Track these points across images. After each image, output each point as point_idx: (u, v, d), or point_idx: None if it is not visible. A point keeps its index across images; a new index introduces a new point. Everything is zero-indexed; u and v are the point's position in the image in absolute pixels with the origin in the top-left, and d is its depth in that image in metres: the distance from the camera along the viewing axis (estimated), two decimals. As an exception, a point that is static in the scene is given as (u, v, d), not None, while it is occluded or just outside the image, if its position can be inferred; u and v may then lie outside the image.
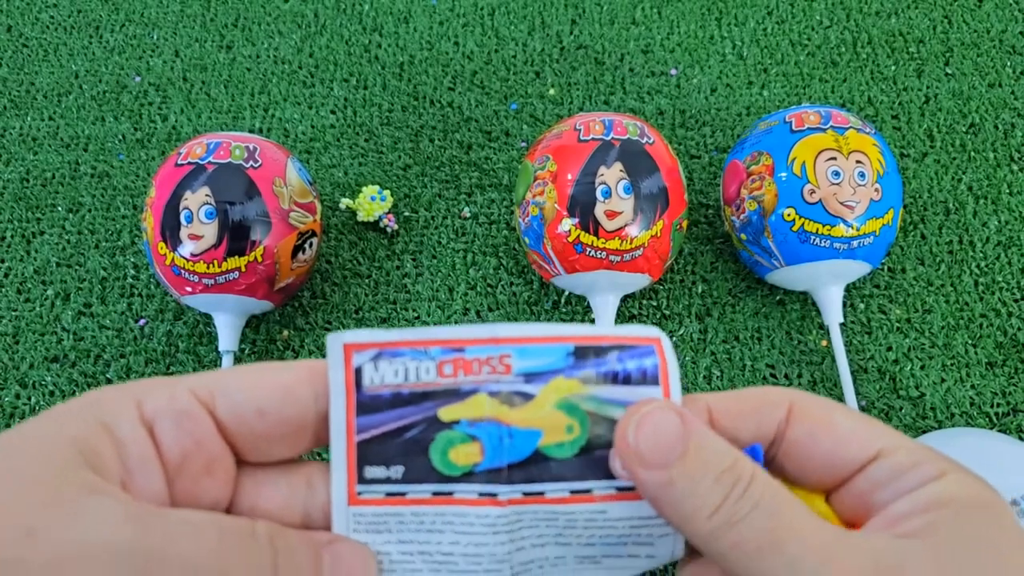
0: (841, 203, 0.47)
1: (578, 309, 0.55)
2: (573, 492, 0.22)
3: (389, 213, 0.58)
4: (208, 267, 0.47)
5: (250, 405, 0.20)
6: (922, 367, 0.51)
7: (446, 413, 0.22)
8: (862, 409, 0.50)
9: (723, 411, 0.22)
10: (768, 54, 0.66)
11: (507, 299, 0.55)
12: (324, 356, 0.22)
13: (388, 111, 0.65)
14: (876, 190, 0.48)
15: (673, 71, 0.66)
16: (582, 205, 0.47)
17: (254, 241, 0.48)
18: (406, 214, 0.59)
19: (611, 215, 0.47)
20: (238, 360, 0.53)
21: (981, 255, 0.56)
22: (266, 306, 0.51)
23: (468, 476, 0.22)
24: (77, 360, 0.53)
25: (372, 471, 0.22)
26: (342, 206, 0.58)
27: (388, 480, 0.22)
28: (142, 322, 0.55)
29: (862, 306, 0.54)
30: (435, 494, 0.22)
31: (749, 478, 0.19)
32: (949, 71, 0.65)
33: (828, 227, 0.47)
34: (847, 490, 0.21)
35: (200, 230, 0.47)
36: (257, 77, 0.67)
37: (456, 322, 0.54)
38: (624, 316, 0.54)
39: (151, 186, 0.50)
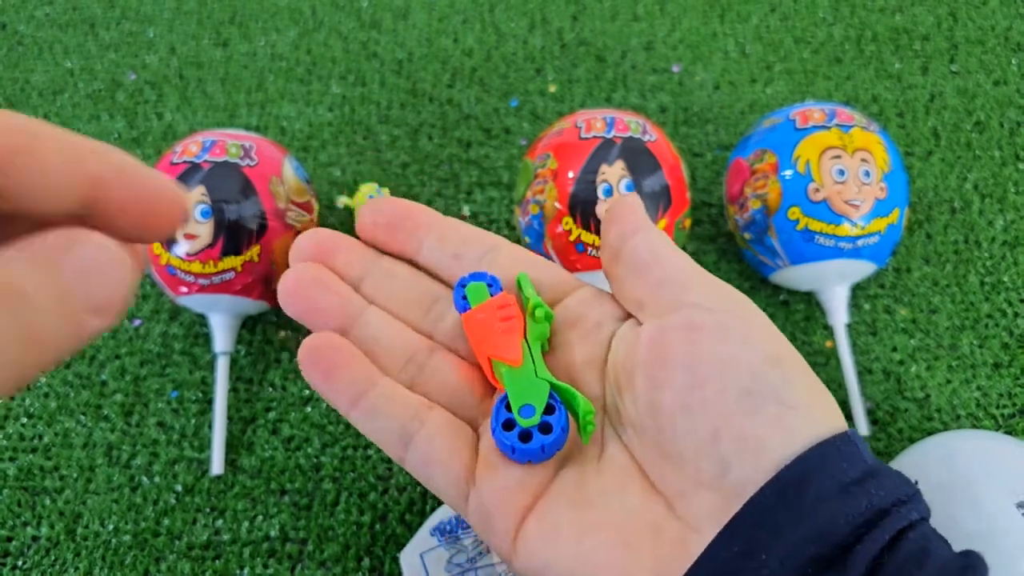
0: (846, 202, 0.46)
1: (579, 309, 0.54)
2: None
3: (387, 212, 0.57)
4: (204, 267, 0.47)
5: None
6: (928, 368, 0.51)
7: None
8: (869, 412, 0.49)
9: None
10: (771, 51, 0.66)
11: (507, 299, 0.54)
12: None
13: (386, 108, 0.64)
14: (881, 188, 0.47)
15: (675, 68, 0.65)
16: (583, 203, 0.47)
17: (250, 240, 0.47)
18: (405, 213, 0.58)
19: (613, 214, 0.46)
20: (234, 362, 0.52)
21: (987, 254, 0.55)
22: (262, 306, 0.50)
23: None
24: (71, 361, 0.53)
25: None
26: (340, 205, 0.57)
27: None
28: (137, 323, 0.54)
29: (867, 306, 0.53)
30: None
31: None
32: (954, 68, 0.64)
33: (833, 226, 0.47)
34: None
35: (195, 229, 0.46)
36: (253, 74, 0.66)
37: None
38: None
39: (146, 184, 0.49)
